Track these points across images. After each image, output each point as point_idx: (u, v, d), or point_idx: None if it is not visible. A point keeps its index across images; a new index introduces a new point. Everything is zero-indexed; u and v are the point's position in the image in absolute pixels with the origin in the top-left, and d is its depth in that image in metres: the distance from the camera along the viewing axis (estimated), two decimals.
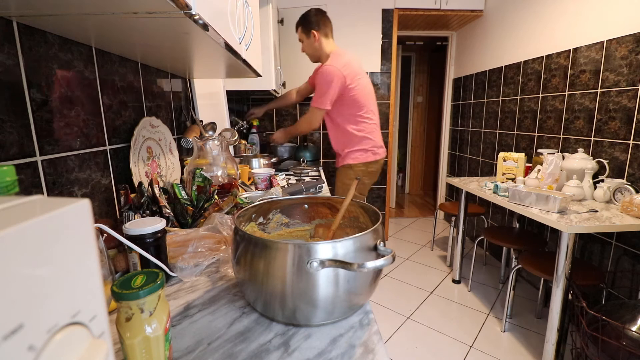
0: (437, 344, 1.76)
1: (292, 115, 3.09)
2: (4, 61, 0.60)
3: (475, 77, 3.00)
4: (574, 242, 1.35)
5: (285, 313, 0.51)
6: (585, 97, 1.87)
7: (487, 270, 2.56)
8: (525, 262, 1.68)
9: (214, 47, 0.86)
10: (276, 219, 0.75)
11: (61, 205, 0.19)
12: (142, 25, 0.65)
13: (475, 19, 2.97)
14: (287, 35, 2.72)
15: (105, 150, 0.89)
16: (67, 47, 0.75)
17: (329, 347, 0.47)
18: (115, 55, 0.95)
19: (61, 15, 0.59)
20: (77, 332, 0.19)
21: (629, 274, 1.58)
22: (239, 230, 0.54)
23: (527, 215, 1.49)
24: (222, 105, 1.96)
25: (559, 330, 1.41)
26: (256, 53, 1.37)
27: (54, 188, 0.71)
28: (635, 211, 1.36)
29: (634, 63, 1.59)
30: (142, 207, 0.82)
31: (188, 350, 0.47)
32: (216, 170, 1.17)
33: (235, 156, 1.78)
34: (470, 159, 3.12)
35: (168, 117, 1.31)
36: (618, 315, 1.17)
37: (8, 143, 0.60)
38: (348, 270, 0.47)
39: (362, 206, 0.70)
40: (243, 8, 1.01)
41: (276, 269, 0.49)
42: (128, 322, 0.37)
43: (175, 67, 1.26)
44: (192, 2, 0.54)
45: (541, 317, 1.95)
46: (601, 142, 1.77)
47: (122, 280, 0.39)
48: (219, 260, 0.74)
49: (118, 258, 0.67)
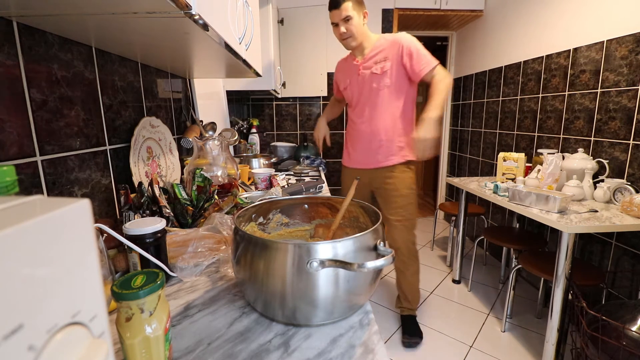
0: (437, 344, 1.76)
1: (292, 115, 3.09)
2: (4, 61, 0.60)
3: (475, 77, 3.00)
4: (574, 242, 1.35)
5: (285, 313, 0.51)
6: (585, 97, 1.87)
7: (487, 270, 2.56)
8: (525, 262, 1.68)
9: (214, 47, 0.86)
10: (276, 219, 0.75)
11: (61, 205, 0.19)
12: (142, 25, 0.65)
13: (475, 19, 2.97)
14: (287, 35, 2.72)
15: (105, 150, 0.89)
16: (67, 47, 0.75)
17: (329, 347, 0.47)
18: (115, 55, 0.95)
19: (61, 15, 0.59)
20: (77, 332, 0.19)
21: (629, 274, 1.58)
22: (239, 230, 0.54)
23: (527, 215, 1.49)
24: (222, 105, 1.96)
25: (559, 330, 1.41)
26: (256, 53, 1.37)
27: (54, 188, 0.71)
28: (635, 211, 1.36)
29: (634, 63, 1.59)
30: (142, 207, 0.82)
31: (188, 350, 0.47)
32: (216, 170, 1.17)
33: (235, 156, 1.77)
34: (470, 159, 3.12)
35: (168, 117, 1.31)
36: (618, 315, 1.17)
37: (8, 143, 0.60)
38: (348, 270, 0.47)
39: (362, 206, 0.70)
40: (243, 8, 1.01)
41: (276, 269, 0.49)
42: (128, 322, 0.37)
43: (175, 67, 1.26)
44: (192, 2, 0.54)
45: (541, 317, 1.95)
46: (601, 142, 1.77)
47: (122, 280, 0.39)
48: (219, 260, 0.74)
49: (118, 258, 0.67)
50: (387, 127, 1.59)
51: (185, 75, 1.48)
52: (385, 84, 1.55)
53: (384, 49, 1.55)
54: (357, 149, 1.70)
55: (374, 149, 1.63)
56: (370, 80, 1.57)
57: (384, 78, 1.55)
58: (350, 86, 1.66)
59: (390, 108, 1.58)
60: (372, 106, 1.60)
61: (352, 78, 1.65)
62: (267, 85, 2.10)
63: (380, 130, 1.59)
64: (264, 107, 3.08)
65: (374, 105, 1.60)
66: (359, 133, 1.66)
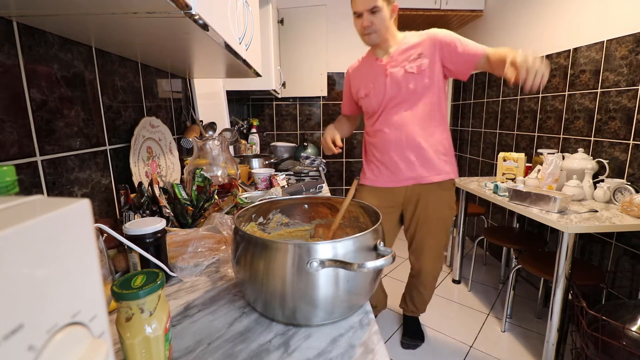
0: (437, 344, 1.76)
1: (292, 115, 3.09)
2: (4, 61, 0.60)
3: (475, 77, 3.00)
4: (574, 242, 1.35)
5: (285, 313, 0.51)
6: (585, 97, 1.87)
7: (487, 270, 2.56)
8: (525, 262, 1.68)
9: (214, 47, 0.86)
10: (276, 219, 0.75)
11: (61, 205, 0.19)
12: (142, 25, 0.65)
13: (475, 19, 2.96)
14: (287, 35, 2.72)
15: (105, 150, 0.89)
16: (67, 47, 0.75)
17: (329, 347, 0.47)
18: (115, 55, 0.95)
19: (61, 15, 0.59)
20: (77, 332, 0.19)
21: (629, 274, 1.58)
22: (239, 230, 0.54)
23: (527, 215, 1.49)
24: (222, 105, 1.96)
25: (559, 330, 1.41)
26: (256, 53, 1.37)
27: (54, 188, 0.71)
28: (635, 211, 1.36)
29: (634, 63, 1.59)
30: (142, 207, 0.82)
31: (188, 350, 0.47)
32: (216, 170, 1.17)
33: (235, 156, 1.78)
34: (470, 159, 3.12)
35: (168, 117, 1.31)
36: (618, 315, 1.17)
37: (8, 143, 0.60)
38: (348, 270, 0.47)
39: (362, 206, 0.70)
40: (243, 8, 1.01)
41: (276, 269, 0.49)
42: (128, 322, 0.37)
43: (175, 67, 1.26)
44: (192, 2, 0.54)
45: (541, 317, 1.95)
46: (601, 142, 1.77)
47: (122, 280, 0.39)
48: (219, 260, 0.74)
49: (118, 258, 0.67)
50: (427, 136, 1.36)
51: (185, 75, 1.48)
52: (424, 85, 1.33)
53: (416, 45, 1.34)
54: (387, 164, 1.42)
55: (414, 161, 1.38)
56: (406, 81, 1.33)
57: (422, 78, 1.32)
58: (375, 91, 1.39)
59: (431, 112, 1.36)
60: (407, 111, 1.36)
61: (377, 81, 1.38)
62: (267, 85, 2.10)
63: (420, 140, 1.36)
64: (264, 107, 3.08)
65: (409, 110, 1.36)
66: (389, 144, 1.39)
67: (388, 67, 1.36)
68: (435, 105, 1.37)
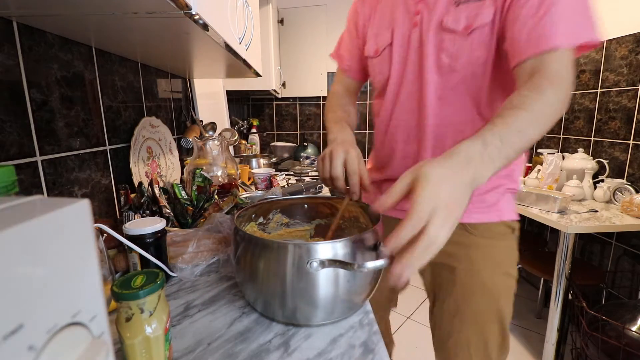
0: None
1: (292, 115, 3.08)
2: (4, 61, 0.60)
3: None
4: (574, 242, 1.35)
5: (285, 313, 0.51)
6: (585, 97, 1.87)
7: None
8: (525, 262, 1.68)
9: (214, 47, 0.86)
10: (276, 219, 0.75)
11: (61, 205, 0.19)
12: (142, 25, 0.65)
13: None
14: (287, 35, 2.72)
15: (105, 150, 0.89)
16: (67, 47, 0.75)
17: (329, 347, 0.47)
18: (115, 55, 0.95)
19: (61, 15, 0.59)
20: (77, 332, 0.19)
21: (629, 274, 1.58)
22: (239, 230, 0.54)
23: (527, 215, 1.49)
24: (222, 105, 1.96)
25: (559, 330, 1.41)
26: (256, 53, 1.37)
27: (54, 188, 0.71)
28: (635, 211, 1.36)
29: (634, 63, 1.59)
30: (142, 207, 0.82)
31: (188, 350, 0.47)
32: (216, 170, 1.17)
33: (235, 156, 1.78)
34: None
35: (168, 117, 1.31)
36: (618, 315, 1.17)
37: (8, 143, 0.60)
38: (348, 270, 0.47)
39: (362, 206, 0.70)
40: (243, 8, 1.01)
41: (276, 269, 0.49)
42: (128, 322, 0.37)
43: (175, 67, 1.26)
44: (192, 2, 0.54)
45: (541, 317, 1.95)
46: (601, 142, 1.77)
47: (122, 280, 0.39)
48: (219, 260, 0.74)
49: (118, 258, 0.67)
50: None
51: (185, 75, 1.48)
52: (477, 56, 0.65)
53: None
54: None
55: None
56: (443, 44, 0.67)
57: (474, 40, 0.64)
58: (397, 46, 0.73)
59: (482, 102, 0.69)
60: (443, 95, 0.69)
61: (402, 28, 0.72)
62: (267, 85, 2.10)
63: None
64: (264, 107, 3.08)
65: (448, 94, 0.69)
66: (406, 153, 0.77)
67: (424, 12, 0.68)
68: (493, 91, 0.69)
